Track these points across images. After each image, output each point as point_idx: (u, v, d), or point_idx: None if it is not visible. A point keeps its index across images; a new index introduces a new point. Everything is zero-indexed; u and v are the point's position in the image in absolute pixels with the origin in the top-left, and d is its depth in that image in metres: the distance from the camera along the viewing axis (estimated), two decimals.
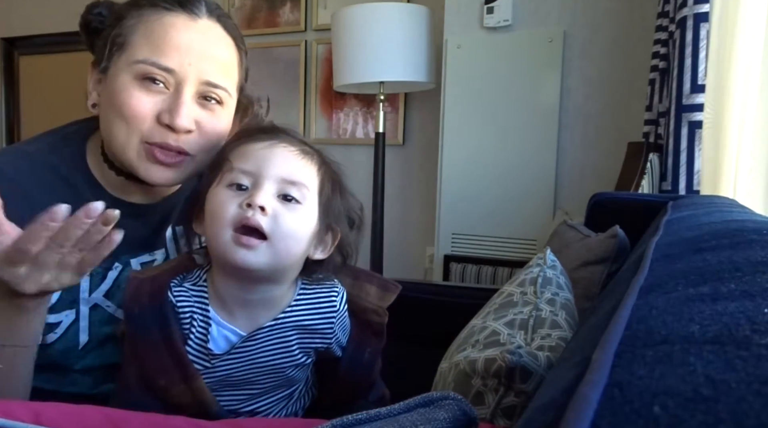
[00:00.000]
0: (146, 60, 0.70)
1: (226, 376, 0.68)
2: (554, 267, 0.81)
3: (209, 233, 0.67)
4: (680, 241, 0.55)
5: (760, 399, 0.20)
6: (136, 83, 0.70)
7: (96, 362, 0.78)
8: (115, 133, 0.72)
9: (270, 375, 0.70)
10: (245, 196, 0.65)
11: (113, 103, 0.71)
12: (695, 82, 1.36)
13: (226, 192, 0.66)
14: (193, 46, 0.72)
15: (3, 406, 0.43)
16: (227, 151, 0.70)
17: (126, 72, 0.71)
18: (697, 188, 1.37)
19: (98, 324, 0.77)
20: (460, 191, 2.12)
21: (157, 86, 0.71)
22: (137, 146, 0.72)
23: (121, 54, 0.72)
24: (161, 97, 0.71)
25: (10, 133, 3.56)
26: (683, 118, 1.38)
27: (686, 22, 1.37)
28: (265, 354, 0.68)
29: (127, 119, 0.71)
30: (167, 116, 0.71)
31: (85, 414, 0.47)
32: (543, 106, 1.98)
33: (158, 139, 0.71)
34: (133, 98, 0.70)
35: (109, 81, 0.73)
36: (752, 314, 0.29)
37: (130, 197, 0.80)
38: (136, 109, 0.70)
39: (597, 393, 0.23)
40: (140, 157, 0.72)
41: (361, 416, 0.36)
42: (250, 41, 2.81)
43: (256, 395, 0.71)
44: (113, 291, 0.78)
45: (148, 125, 0.71)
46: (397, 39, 2.04)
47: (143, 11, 0.73)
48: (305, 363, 0.72)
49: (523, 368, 0.57)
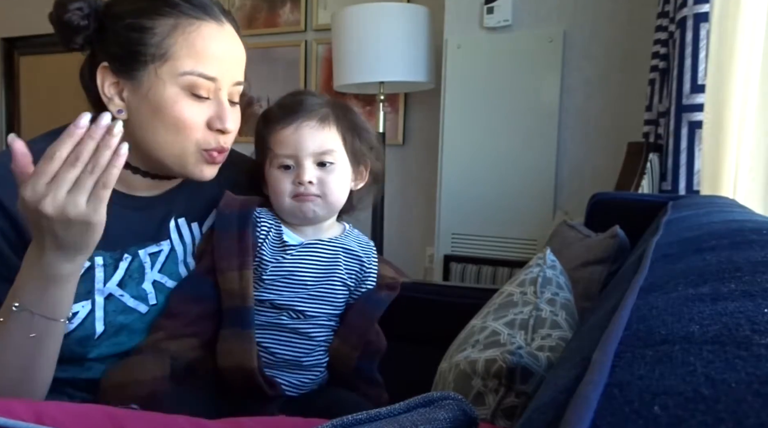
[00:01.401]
0: (193, 71, 0.75)
1: (292, 270, 0.85)
2: (554, 267, 0.81)
3: (274, 202, 0.87)
4: (680, 241, 0.55)
5: (760, 399, 0.20)
6: (185, 95, 0.76)
7: (110, 350, 0.79)
8: (165, 142, 0.77)
9: (321, 280, 0.86)
10: (293, 175, 0.85)
11: (163, 115, 0.75)
12: (695, 82, 1.36)
13: (278, 173, 0.86)
14: (226, 54, 0.79)
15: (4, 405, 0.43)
16: (268, 140, 0.86)
17: (173, 83, 0.75)
18: (697, 188, 1.37)
19: (113, 314, 0.79)
20: (460, 191, 2.12)
21: (204, 96, 0.77)
22: (195, 154, 0.79)
23: (161, 65, 0.74)
24: (206, 104, 0.78)
25: (10, 132, 3.56)
26: (683, 118, 1.38)
27: (686, 22, 1.37)
28: (320, 260, 0.87)
29: (182, 130, 0.76)
30: (218, 122, 0.78)
31: (87, 413, 0.47)
32: (543, 106, 1.98)
33: (214, 144, 0.79)
34: (186, 111, 0.76)
35: (148, 91, 0.75)
36: (752, 314, 0.29)
37: (133, 191, 0.83)
38: (191, 121, 0.76)
39: (597, 393, 0.23)
40: (198, 162, 0.80)
41: (361, 416, 0.36)
42: (250, 41, 2.81)
43: (310, 297, 0.86)
44: (125, 280, 0.80)
45: (201, 133, 0.78)
46: (397, 39, 2.04)
47: (177, 20, 0.75)
48: (346, 282, 0.89)
49: (524, 369, 0.57)
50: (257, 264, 0.85)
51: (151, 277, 0.83)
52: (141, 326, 0.82)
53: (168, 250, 0.85)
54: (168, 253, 0.85)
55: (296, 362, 0.85)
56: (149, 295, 0.82)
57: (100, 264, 0.78)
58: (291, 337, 0.85)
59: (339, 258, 0.88)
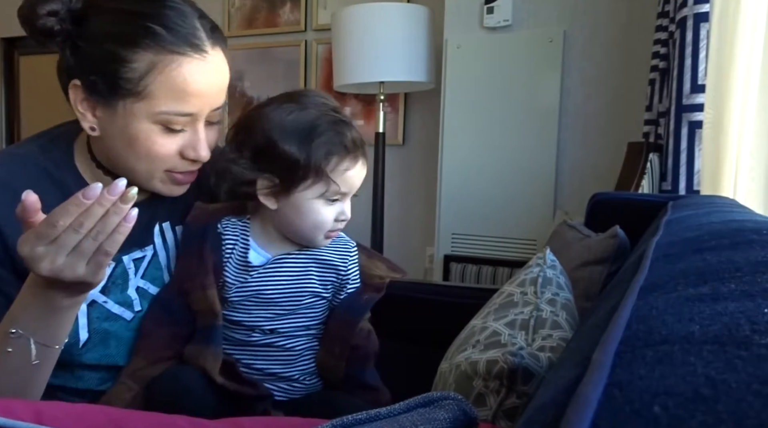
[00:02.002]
0: (170, 111, 0.72)
1: (258, 290, 0.81)
2: (554, 267, 0.81)
3: (305, 231, 0.81)
4: (680, 241, 0.55)
5: (760, 399, 0.20)
6: (157, 129, 0.73)
7: (100, 360, 0.78)
8: (135, 168, 0.76)
9: (291, 297, 0.82)
10: (337, 210, 0.81)
11: (134, 147, 0.74)
12: (695, 82, 1.36)
13: (323, 204, 0.80)
14: (208, 88, 0.75)
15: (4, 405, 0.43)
16: (327, 170, 0.77)
17: (147, 120, 0.72)
18: (697, 188, 1.37)
19: (97, 321, 0.78)
20: (460, 191, 2.12)
21: (177, 129, 0.75)
22: (161, 176, 0.77)
23: (136, 101, 0.71)
24: (181, 136, 0.76)
25: (10, 132, 3.57)
26: (683, 118, 1.37)
27: (686, 22, 1.37)
28: (289, 276, 0.82)
29: (152, 160, 0.75)
30: (192, 152, 0.76)
31: (86, 414, 0.47)
32: (543, 106, 1.98)
33: (182, 169, 0.78)
34: (158, 145, 0.74)
35: (122, 122, 0.72)
36: (752, 314, 0.29)
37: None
38: (162, 153, 0.75)
39: (597, 393, 0.23)
40: (164, 183, 0.79)
41: (361, 416, 0.36)
42: (250, 41, 2.83)
43: (281, 315, 0.82)
44: (109, 286, 0.79)
45: (172, 161, 0.76)
46: (397, 39, 2.04)
47: (156, 57, 0.70)
48: (321, 294, 0.84)
49: (525, 369, 0.57)
50: (222, 284, 0.81)
51: (135, 283, 0.82)
52: (128, 334, 0.80)
53: (151, 255, 0.84)
54: (150, 259, 0.84)
55: (279, 374, 0.83)
56: (134, 302, 0.81)
57: None
58: (267, 352, 0.83)
59: (310, 270, 0.84)
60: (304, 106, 0.79)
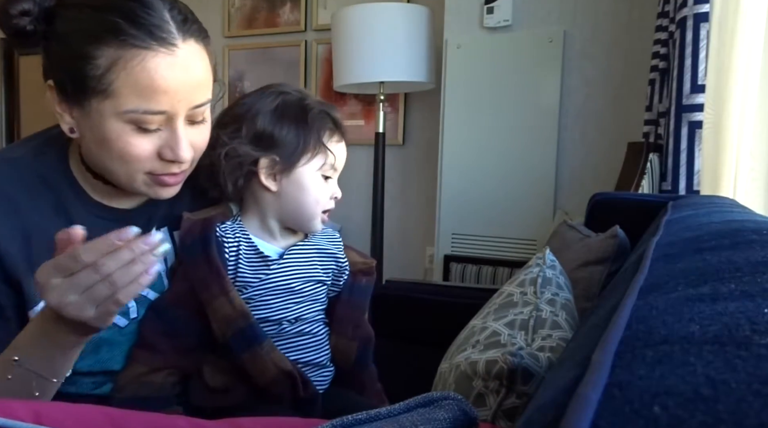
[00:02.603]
0: (137, 110, 0.68)
1: (279, 282, 0.83)
2: (554, 267, 0.81)
3: (307, 207, 0.84)
4: (680, 241, 0.55)
5: (760, 399, 0.20)
6: (129, 129, 0.69)
7: (92, 367, 0.77)
8: (113, 170, 0.73)
9: (306, 284, 0.85)
10: (331, 189, 0.86)
11: (107, 148, 0.70)
12: (695, 82, 1.36)
13: (321, 181, 0.85)
14: (179, 84, 0.69)
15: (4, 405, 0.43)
16: (325, 141, 0.83)
17: (116, 119, 0.69)
18: (697, 188, 1.37)
19: None
20: (460, 191, 2.12)
21: (152, 129, 0.70)
22: (143, 178, 0.74)
23: (103, 100, 0.67)
24: (157, 135, 0.71)
25: (10, 132, 3.57)
26: (683, 118, 1.38)
27: (686, 22, 1.37)
28: (301, 264, 0.86)
29: (128, 162, 0.71)
30: (169, 153, 0.72)
31: (85, 414, 0.47)
32: (543, 106, 1.98)
33: (163, 171, 0.74)
34: (131, 145, 0.70)
35: (93, 122, 0.70)
36: (752, 314, 0.29)
37: (113, 202, 0.80)
38: (136, 154, 0.71)
39: (597, 393, 0.23)
40: (148, 185, 0.75)
41: (361, 416, 0.36)
42: (250, 41, 2.83)
43: (300, 302, 0.85)
44: None
45: (151, 163, 0.73)
46: (397, 39, 2.04)
47: (118, 52, 0.66)
48: (324, 281, 0.88)
49: (525, 370, 0.57)
50: (239, 286, 0.81)
51: None
52: (120, 339, 0.79)
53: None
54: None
55: (313, 361, 0.85)
56: (131, 309, 0.79)
57: None
58: (299, 341, 0.84)
59: (314, 260, 0.87)
60: (287, 93, 0.86)
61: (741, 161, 1.28)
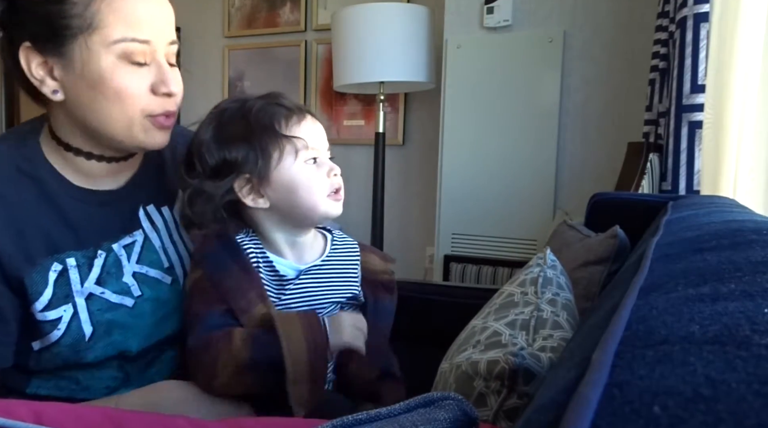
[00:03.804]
0: (125, 38, 0.71)
1: (295, 304, 0.79)
2: (554, 267, 0.81)
3: (305, 201, 0.78)
4: (680, 241, 0.55)
5: (760, 399, 0.20)
6: (122, 63, 0.72)
7: (106, 350, 0.78)
8: (110, 116, 0.73)
9: (323, 306, 0.81)
10: (325, 168, 0.80)
11: (103, 87, 0.71)
12: (695, 82, 1.36)
13: (309, 167, 0.79)
14: (156, 14, 0.74)
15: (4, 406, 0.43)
16: (287, 131, 0.77)
17: (107, 53, 0.70)
18: (697, 188, 1.37)
19: (98, 313, 0.77)
20: (460, 191, 2.12)
21: (141, 62, 0.73)
22: (141, 121, 0.75)
23: (89, 35, 0.69)
24: (146, 70, 0.74)
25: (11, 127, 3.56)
26: (683, 118, 1.37)
27: (686, 22, 1.37)
28: (319, 287, 0.81)
29: (124, 99, 0.73)
30: (162, 86, 0.75)
31: (85, 414, 0.47)
32: (543, 106, 1.98)
33: (160, 109, 0.76)
34: (126, 79, 0.72)
35: (83, 65, 0.71)
36: (752, 314, 0.29)
37: (96, 185, 0.81)
38: (133, 89, 0.73)
39: (597, 393, 0.23)
40: (148, 130, 0.76)
41: (361, 416, 0.36)
42: (250, 41, 2.83)
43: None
44: (104, 277, 0.79)
45: (146, 100, 0.74)
46: (397, 39, 2.04)
47: None
48: (343, 303, 0.83)
49: (527, 370, 0.57)
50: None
51: (131, 270, 0.81)
52: (131, 321, 0.80)
53: (142, 240, 0.83)
54: (143, 243, 0.83)
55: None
56: (132, 287, 0.81)
57: (74, 265, 0.76)
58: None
59: (332, 281, 0.83)
60: (221, 109, 0.80)
61: (741, 161, 1.28)
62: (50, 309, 0.74)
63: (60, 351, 0.75)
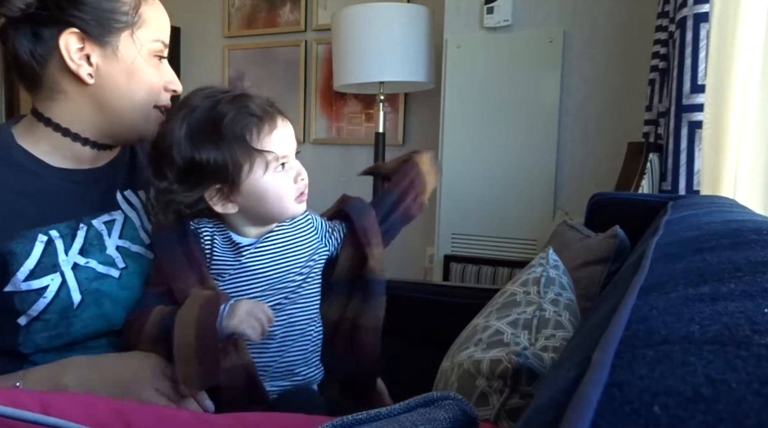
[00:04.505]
0: (159, 39, 0.84)
1: (254, 270, 0.82)
2: (557, 267, 0.81)
3: (274, 208, 0.81)
4: (680, 241, 0.55)
5: (760, 399, 0.20)
6: (153, 61, 0.84)
7: (95, 321, 0.79)
8: (135, 103, 0.83)
9: (283, 273, 0.83)
10: (292, 174, 0.82)
11: (138, 78, 0.82)
12: (695, 82, 1.36)
13: (277, 175, 0.80)
14: (169, 22, 0.87)
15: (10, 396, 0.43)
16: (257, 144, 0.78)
17: (147, 47, 0.82)
18: (697, 188, 1.37)
19: (86, 282, 0.79)
20: (460, 191, 2.12)
21: (161, 58, 0.85)
22: (154, 114, 0.85)
23: (137, 30, 0.81)
24: (161, 69, 0.86)
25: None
26: (683, 118, 1.38)
27: (686, 22, 1.37)
28: (276, 251, 0.84)
29: (151, 91, 0.84)
30: (173, 85, 0.87)
31: (93, 405, 0.47)
32: (543, 106, 1.98)
33: (166, 102, 0.86)
34: (155, 76, 0.84)
35: (125, 55, 0.80)
36: (752, 314, 0.29)
37: (78, 166, 0.85)
38: (157, 80, 0.84)
39: (597, 393, 0.23)
40: (154, 122, 0.85)
41: (361, 416, 0.36)
42: (250, 41, 2.83)
43: (278, 293, 0.83)
44: (87, 248, 0.81)
45: (160, 92, 0.86)
46: (397, 39, 2.04)
47: None
48: (304, 273, 0.86)
49: (529, 370, 0.57)
50: (215, 275, 0.81)
51: (113, 243, 0.84)
52: (121, 293, 0.82)
53: (122, 219, 0.87)
54: (123, 222, 0.87)
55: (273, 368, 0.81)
56: (116, 259, 0.83)
57: (57, 236, 0.79)
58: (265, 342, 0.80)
59: (289, 246, 0.85)
60: (192, 107, 0.78)
61: (741, 161, 1.28)
62: (33, 278, 0.76)
63: (49, 319, 0.77)
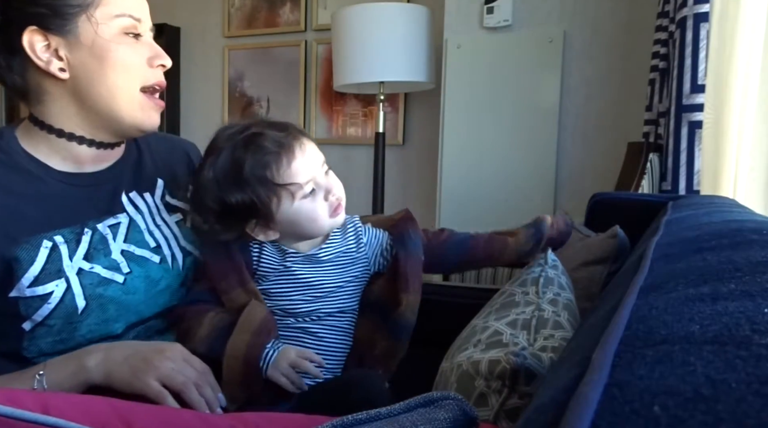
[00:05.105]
0: (123, 13, 0.79)
1: (297, 277, 0.85)
2: (555, 267, 0.81)
3: (310, 228, 0.84)
4: (680, 241, 0.55)
5: (760, 399, 0.20)
6: (123, 37, 0.79)
7: (99, 327, 0.79)
8: (114, 87, 0.80)
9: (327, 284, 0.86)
10: (321, 194, 0.83)
11: (110, 59, 0.78)
12: (695, 82, 1.36)
13: (306, 201, 0.82)
14: None
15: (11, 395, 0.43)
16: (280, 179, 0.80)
17: (110, 27, 0.78)
18: (697, 188, 1.37)
19: (90, 287, 0.79)
20: (460, 191, 2.12)
21: (137, 34, 0.81)
22: (138, 96, 0.82)
23: (93, 11, 0.76)
24: (140, 44, 0.82)
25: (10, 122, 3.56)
26: (683, 118, 1.37)
27: (686, 22, 1.37)
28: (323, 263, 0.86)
29: (129, 70, 0.80)
30: (157, 59, 0.83)
31: (92, 405, 0.47)
32: (543, 106, 1.98)
33: (154, 80, 0.83)
34: (129, 50, 0.80)
35: (91, 39, 0.77)
36: (752, 314, 0.29)
37: (81, 169, 0.84)
38: (134, 58, 0.80)
39: (597, 393, 0.23)
40: (143, 107, 0.83)
41: (361, 416, 0.36)
42: (250, 41, 2.83)
43: (318, 300, 0.86)
44: (92, 253, 0.81)
45: (143, 72, 0.82)
46: (397, 39, 2.04)
47: None
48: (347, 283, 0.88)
49: (528, 370, 0.57)
50: (259, 278, 0.86)
51: (118, 248, 0.84)
52: (125, 297, 0.82)
53: (128, 222, 0.86)
54: (129, 224, 0.86)
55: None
56: (121, 264, 0.83)
57: (62, 242, 0.79)
58: (299, 337, 0.86)
59: (337, 260, 0.88)
60: (217, 152, 0.82)
61: (741, 161, 1.28)
62: (38, 284, 0.76)
63: (54, 325, 0.77)
